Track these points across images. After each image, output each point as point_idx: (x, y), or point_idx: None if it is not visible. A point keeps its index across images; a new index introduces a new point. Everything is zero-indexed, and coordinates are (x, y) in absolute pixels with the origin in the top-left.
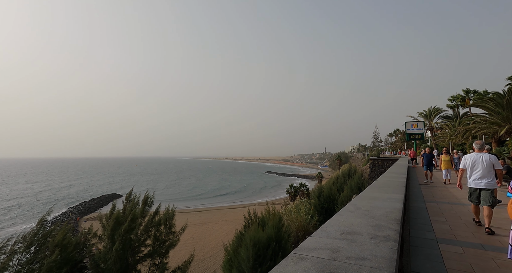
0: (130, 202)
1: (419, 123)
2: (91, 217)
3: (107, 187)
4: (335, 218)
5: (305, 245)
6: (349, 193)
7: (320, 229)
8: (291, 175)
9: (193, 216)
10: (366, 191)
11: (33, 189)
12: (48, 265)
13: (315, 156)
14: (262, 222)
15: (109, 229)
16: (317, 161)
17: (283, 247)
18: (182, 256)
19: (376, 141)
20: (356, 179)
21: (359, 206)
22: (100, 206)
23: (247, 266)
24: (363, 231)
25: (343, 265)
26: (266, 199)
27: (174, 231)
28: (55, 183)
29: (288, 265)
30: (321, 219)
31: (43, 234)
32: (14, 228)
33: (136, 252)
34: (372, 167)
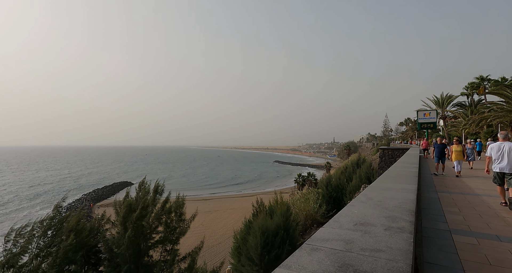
0: (143, 190)
1: (432, 112)
2: (103, 203)
3: (125, 175)
4: (347, 209)
5: (318, 235)
6: (358, 182)
7: (333, 220)
8: (299, 164)
9: (202, 204)
10: (377, 181)
11: (55, 176)
12: (64, 249)
13: (323, 145)
14: (270, 211)
15: (121, 216)
16: (326, 151)
17: (291, 235)
18: (192, 243)
19: (386, 130)
20: (365, 168)
21: (371, 196)
22: (112, 193)
23: (256, 254)
24: (377, 222)
25: (358, 256)
26: (274, 188)
27: (184, 219)
28: (74, 171)
29: (301, 255)
30: (329, 208)
31: (59, 219)
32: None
33: (148, 238)
34: (382, 156)
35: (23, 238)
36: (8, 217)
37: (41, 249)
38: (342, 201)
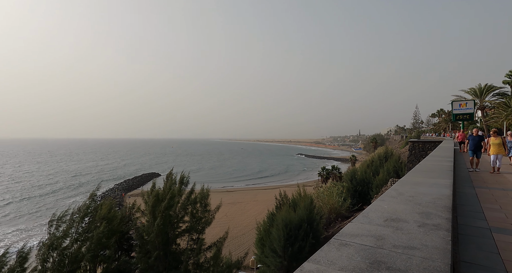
0: (169, 181)
1: (469, 102)
2: (134, 193)
3: (156, 166)
4: (377, 204)
5: (346, 231)
6: (386, 176)
7: (361, 215)
8: (323, 158)
9: (226, 195)
10: (408, 176)
11: (94, 167)
12: (98, 236)
13: (348, 138)
14: (293, 204)
15: (150, 205)
16: (351, 143)
17: (314, 229)
18: (217, 233)
19: (417, 122)
20: (393, 162)
21: (401, 191)
22: (142, 183)
23: (279, 245)
24: (409, 219)
25: (390, 253)
26: (297, 181)
27: (209, 209)
28: (111, 162)
29: (330, 250)
30: (355, 202)
31: (95, 207)
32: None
33: (175, 227)
34: (411, 149)
35: (65, 223)
36: (57, 204)
37: (80, 234)
38: (368, 195)
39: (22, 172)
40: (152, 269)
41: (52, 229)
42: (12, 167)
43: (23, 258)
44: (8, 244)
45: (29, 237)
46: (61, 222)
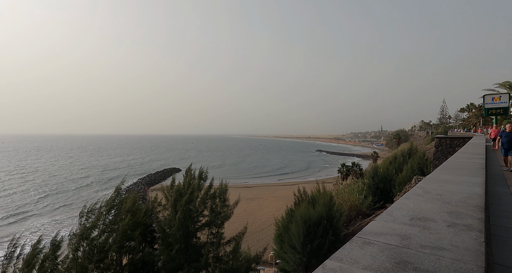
0: (189, 176)
1: (503, 96)
2: (156, 187)
3: (180, 162)
4: (401, 202)
5: (369, 229)
6: (409, 173)
7: (385, 213)
8: (342, 154)
9: (245, 191)
10: (435, 173)
11: (122, 162)
12: (123, 227)
13: (369, 134)
14: (312, 200)
15: (172, 200)
16: (372, 140)
17: (334, 226)
18: (236, 228)
19: (444, 117)
20: (418, 159)
21: (428, 189)
22: (163, 178)
23: (298, 242)
24: (437, 218)
25: (417, 254)
26: (316, 178)
27: (228, 204)
28: (137, 157)
29: (353, 249)
30: (376, 199)
31: (120, 200)
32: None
33: (195, 221)
34: (438, 146)
35: (93, 215)
36: (89, 197)
37: (107, 226)
38: (390, 193)
39: (57, 166)
40: (174, 261)
41: (83, 220)
42: (48, 161)
43: (56, 246)
44: (44, 234)
45: (62, 227)
46: (90, 214)
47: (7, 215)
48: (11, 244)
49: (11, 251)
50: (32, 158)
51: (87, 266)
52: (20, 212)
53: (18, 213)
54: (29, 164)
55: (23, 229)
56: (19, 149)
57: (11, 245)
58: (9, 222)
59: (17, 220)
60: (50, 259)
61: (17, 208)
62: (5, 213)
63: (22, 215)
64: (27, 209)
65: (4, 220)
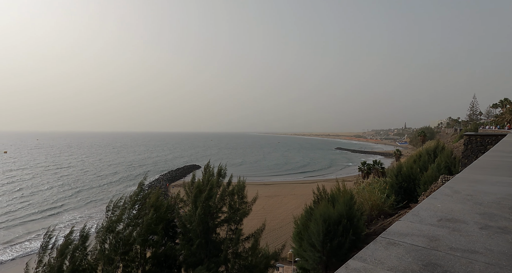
0: (208, 173)
1: None
2: (177, 184)
3: (202, 158)
4: (428, 202)
5: (394, 229)
6: (435, 173)
7: (411, 213)
8: (363, 152)
9: (263, 188)
10: (465, 172)
11: (148, 158)
12: (147, 221)
13: (392, 132)
14: (332, 199)
15: (192, 196)
16: (395, 137)
17: (355, 225)
18: (254, 225)
19: (474, 114)
20: (445, 157)
21: (457, 189)
22: (184, 174)
23: (317, 240)
24: (468, 219)
25: (446, 256)
26: (336, 176)
27: (246, 201)
28: (161, 154)
29: (377, 249)
30: (399, 199)
31: (143, 196)
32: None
33: (215, 217)
34: (467, 144)
35: (119, 209)
36: (118, 192)
37: (131, 220)
38: (415, 192)
39: (88, 163)
40: (194, 256)
41: (109, 214)
42: (79, 158)
43: (84, 238)
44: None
45: (92, 220)
46: (116, 208)
47: (46, 208)
48: (46, 234)
49: (46, 241)
50: (65, 155)
51: (114, 258)
52: (58, 206)
53: (56, 206)
54: (63, 160)
55: (57, 222)
56: (53, 145)
57: (46, 236)
58: (48, 215)
59: (55, 213)
60: (80, 249)
61: (55, 202)
62: (45, 206)
63: (59, 209)
64: (63, 203)
65: (42, 213)
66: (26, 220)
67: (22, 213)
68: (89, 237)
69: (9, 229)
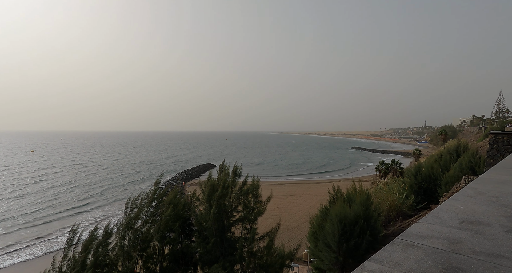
0: (223, 172)
1: None
2: (193, 182)
3: (221, 158)
4: (450, 203)
5: (413, 231)
6: (457, 173)
7: (431, 215)
8: (381, 151)
9: (278, 188)
10: (490, 173)
11: (170, 157)
12: (165, 218)
13: (411, 130)
14: (348, 199)
15: (206, 194)
16: (414, 136)
17: (372, 226)
18: (269, 224)
19: (500, 111)
20: (468, 157)
21: (481, 190)
22: (199, 173)
23: (333, 241)
24: (493, 222)
25: (468, 260)
26: (352, 176)
27: (261, 200)
28: (181, 153)
29: (394, 251)
30: (419, 200)
31: (160, 194)
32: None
33: (230, 216)
34: (493, 143)
35: (137, 207)
36: (145, 190)
37: (149, 217)
38: (436, 193)
39: (112, 162)
40: (210, 254)
41: (127, 211)
42: (103, 157)
43: (108, 234)
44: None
45: (115, 217)
46: (134, 205)
47: (75, 206)
48: (71, 230)
49: (71, 237)
50: (90, 153)
51: (132, 254)
52: (86, 204)
53: (84, 204)
54: (89, 159)
55: (80, 218)
56: (78, 145)
57: (71, 232)
58: (76, 212)
59: (82, 211)
60: (103, 245)
61: (84, 199)
62: (74, 204)
63: (87, 206)
64: (90, 201)
65: (71, 210)
66: (54, 218)
67: (51, 210)
68: (112, 234)
69: (38, 226)
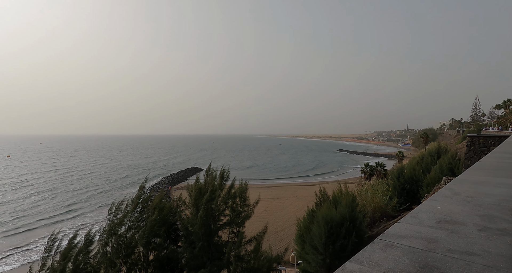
0: (210, 175)
1: None
2: (179, 186)
3: (215, 161)
4: (428, 204)
5: (392, 231)
6: (438, 174)
7: (410, 215)
8: (366, 154)
9: (266, 191)
10: (466, 174)
11: (160, 161)
12: (151, 223)
13: (394, 133)
14: (334, 201)
15: (193, 198)
16: (397, 139)
17: (357, 227)
18: (256, 227)
19: (477, 115)
20: (448, 159)
21: (458, 191)
22: (186, 177)
23: (320, 243)
24: (467, 221)
25: (444, 258)
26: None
27: (248, 204)
28: (170, 157)
29: (374, 251)
30: (402, 201)
31: (145, 198)
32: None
33: (217, 220)
34: (470, 145)
35: (121, 212)
36: (127, 197)
37: (134, 222)
38: (418, 194)
39: (98, 166)
40: (197, 259)
41: (111, 216)
42: (88, 161)
43: (89, 242)
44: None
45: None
46: (118, 211)
47: (58, 213)
48: (50, 238)
49: (50, 245)
50: (75, 158)
51: (116, 261)
52: (71, 210)
53: (69, 210)
54: (73, 164)
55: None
56: (60, 149)
57: (50, 240)
58: (61, 219)
59: (65, 218)
60: (83, 253)
61: (68, 206)
62: (58, 211)
63: (71, 214)
64: (75, 207)
65: (55, 217)
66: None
67: (32, 218)
68: (93, 241)
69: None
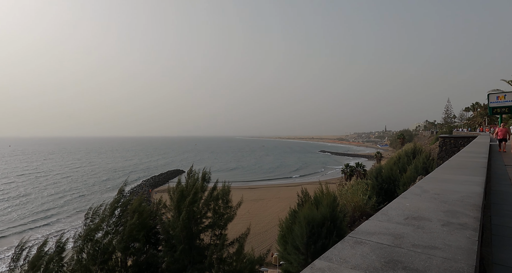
0: (191, 178)
1: (508, 94)
2: (160, 189)
3: (199, 163)
4: (398, 201)
5: (363, 228)
6: (413, 174)
7: (380, 212)
8: (346, 154)
9: (249, 192)
10: (436, 172)
11: (142, 164)
12: (130, 227)
13: (373, 134)
14: (315, 201)
15: (175, 201)
16: (376, 140)
17: (338, 227)
18: (239, 229)
19: (448, 117)
20: (422, 159)
21: (426, 188)
22: (167, 180)
23: (301, 243)
24: (432, 217)
25: (408, 253)
26: (319, 178)
27: (231, 206)
28: (153, 159)
29: (344, 248)
30: (380, 200)
31: (124, 202)
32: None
33: (199, 222)
34: (442, 146)
35: (98, 217)
36: (107, 201)
37: (112, 227)
38: (395, 193)
39: (75, 170)
40: (178, 263)
41: (88, 221)
42: (65, 164)
43: (61, 248)
44: (49, 238)
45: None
46: (95, 215)
47: (33, 220)
48: (18, 247)
49: (18, 253)
50: (50, 162)
51: (91, 268)
52: (47, 216)
53: (45, 216)
54: (48, 168)
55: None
56: (33, 151)
57: (18, 248)
58: (31, 227)
59: (40, 225)
60: (55, 260)
61: (41, 212)
62: (33, 217)
63: (45, 220)
64: (51, 213)
65: (24, 225)
66: (2, 235)
67: (4, 226)
68: (65, 248)
69: None
